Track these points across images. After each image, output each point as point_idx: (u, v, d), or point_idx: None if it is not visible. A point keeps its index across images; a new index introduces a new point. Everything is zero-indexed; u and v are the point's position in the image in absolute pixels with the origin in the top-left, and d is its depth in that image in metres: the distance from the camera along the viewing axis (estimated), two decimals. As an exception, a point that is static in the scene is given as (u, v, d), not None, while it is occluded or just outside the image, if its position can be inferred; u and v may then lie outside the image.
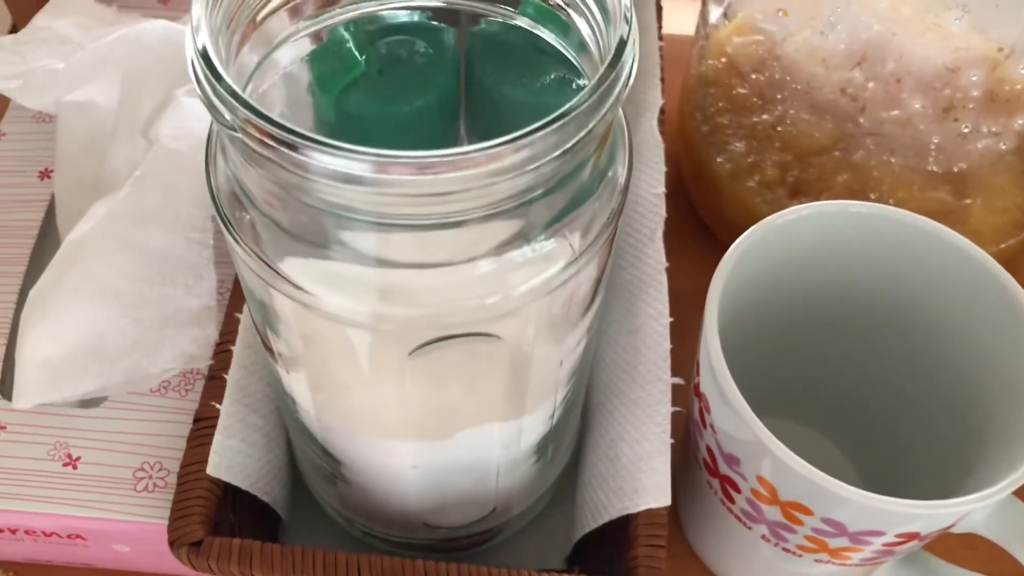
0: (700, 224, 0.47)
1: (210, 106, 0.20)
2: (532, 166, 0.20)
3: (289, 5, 0.26)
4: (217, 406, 0.31)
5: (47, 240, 0.38)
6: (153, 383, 0.34)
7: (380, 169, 0.19)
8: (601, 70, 0.21)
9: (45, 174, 0.40)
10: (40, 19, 0.41)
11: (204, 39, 0.21)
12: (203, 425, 0.31)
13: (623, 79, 0.21)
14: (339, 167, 0.19)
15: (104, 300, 0.32)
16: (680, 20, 0.53)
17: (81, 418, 0.34)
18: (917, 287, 0.32)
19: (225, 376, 0.31)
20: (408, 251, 0.22)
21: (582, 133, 0.21)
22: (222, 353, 0.32)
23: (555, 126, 0.20)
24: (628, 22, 0.22)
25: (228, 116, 0.20)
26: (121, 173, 0.36)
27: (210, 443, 0.30)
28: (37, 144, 0.41)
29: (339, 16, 0.27)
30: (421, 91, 0.28)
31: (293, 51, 0.27)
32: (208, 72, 0.20)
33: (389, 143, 0.29)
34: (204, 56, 0.20)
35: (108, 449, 0.33)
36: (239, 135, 0.20)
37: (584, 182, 0.23)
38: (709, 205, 0.45)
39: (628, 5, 0.22)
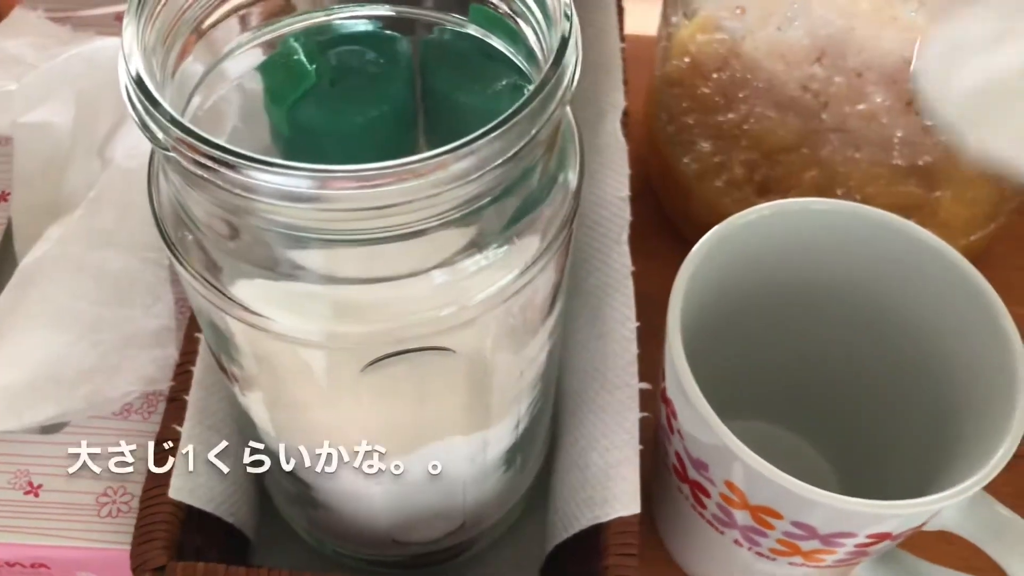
0: (669, 225, 0.46)
1: (143, 128, 0.20)
2: (477, 174, 0.20)
3: (238, 14, 0.26)
4: (178, 428, 0.30)
5: (5, 264, 0.37)
6: (115, 407, 0.33)
7: (321, 185, 0.19)
8: (544, 70, 0.21)
9: (2, 197, 0.39)
10: (-7, 40, 0.40)
11: (137, 65, 0.20)
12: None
13: (567, 80, 0.21)
14: (278, 185, 0.19)
15: (61, 324, 0.32)
16: (646, 20, 0.53)
17: (42, 444, 0.33)
18: (883, 282, 0.32)
19: (186, 397, 0.31)
20: (357, 266, 0.22)
21: (527, 138, 0.20)
22: (183, 374, 0.32)
23: (498, 132, 0.20)
24: (568, 19, 0.22)
25: (161, 137, 0.19)
26: (78, 194, 0.36)
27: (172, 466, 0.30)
28: (-7, 167, 0.40)
29: (290, 26, 0.27)
30: (375, 101, 0.28)
31: (245, 62, 0.27)
32: (143, 98, 0.20)
33: (345, 155, 0.29)
34: (138, 82, 0.20)
35: (70, 475, 0.32)
36: (174, 156, 0.19)
37: (534, 188, 0.23)
38: (677, 206, 0.45)
39: (567, 2, 0.22)
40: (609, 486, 0.30)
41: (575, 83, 0.21)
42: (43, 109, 0.38)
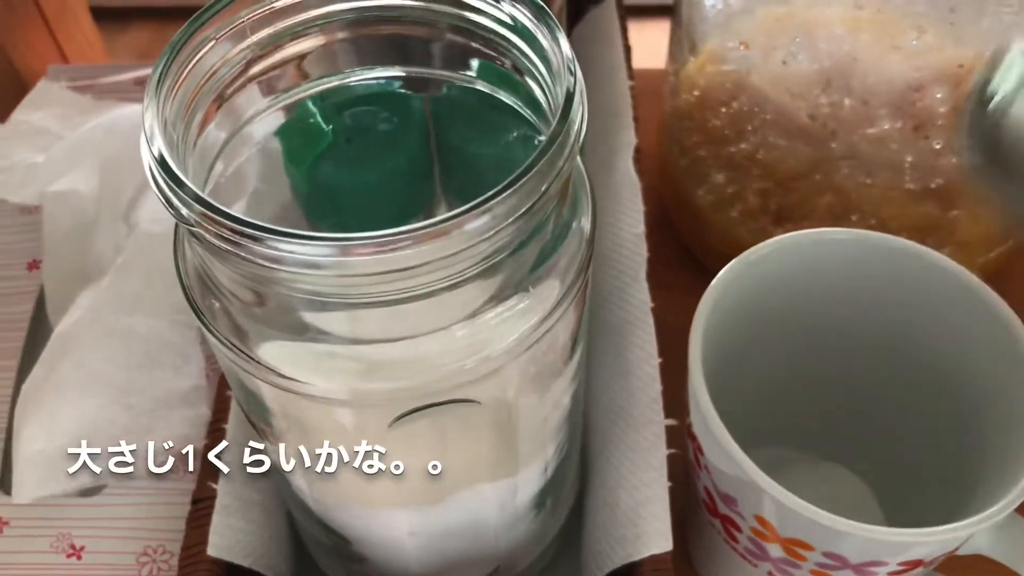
0: (688, 256, 0.47)
1: (168, 205, 0.20)
2: (492, 232, 0.20)
3: (256, 82, 0.27)
4: (214, 485, 0.31)
5: (39, 331, 0.38)
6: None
7: (342, 252, 0.20)
8: (552, 127, 0.21)
9: (33, 265, 0.40)
10: (18, 114, 0.42)
11: (159, 145, 0.21)
12: (202, 506, 0.31)
13: (574, 134, 0.21)
14: (301, 254, 0.20)
15: (94, 389, 0.33)
16: (654, 55, 0.53)
17: (82, 507, 0.34)
18: (901, 308, 0.32)
19: (220, 455, 0.31)
20: (381, 327, 0.22)
21: (539, 193, 0.21)
22: (215, 432, 0.32)
23: (511, 190, 0.20)
24: (572, 73, 0.22)
25: (186, 213, 0.20)
26: (106, 259, 0.37)
27: (209, 523, 0.30)
28: (24, 236, 0.41)
29: (308, 90, 0.28)
30: (390, 156, 0.29)
31: (266, 125, 0.27)
32: (167, 178, 0.20)
33: (364, 210, 0.30)
34: (162, 163, 0.21)
35: (111, 536, 0.33)
36: (199, 231, 0.20)
37: (549, 237, 0.23)
38: (695, 237, 0.45)
39: (570, 57, 0.22)
40: (640, 524, 0.30)
41: (583, 137, 0.22)
42: (69, 178, 0.39)
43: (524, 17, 0.24)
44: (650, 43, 0.53)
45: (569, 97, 0.22)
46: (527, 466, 0.29)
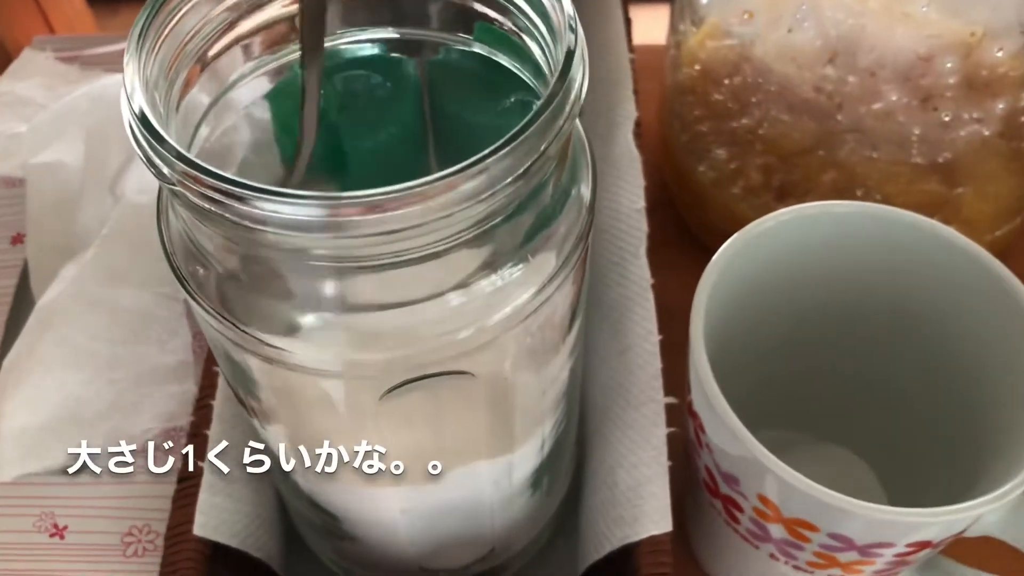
0: (688, 235, 0.46)
1: (149, 164, 0.20)
2: (488, 193, 0.19)
3: (241, 44, 0.26)
4: (200, 464, 0.30)
5: (22, 306, 0.37)
6: (135, 444, 0.33)
7: (330, 212, 0.19)
8: (551, 85, 0.20)
9: (18, 239, 0.39)
10: (2, 84, 0.41)
11: (140, 101, 0.20)
12: (187, 484, 0.30)
13: (574, 93, 0.21)
14: (288, 215, 0.19)
15: (78, 364, 0.32)
16: (654, 29, 0.53)
17: (66, 486, 0.33)
18: (908, 283, 0.31)
19: (207, 432, 0.31)
20: (373, 293, 0.22)
21: (537, 154, 0.20)
22: (202, 408, 0.31)
23: (507, 149, 0.19)
24: (573, 31, 0.21)
25: (167, 172, 0.19)
26: (91, 231, 0.36)
27: (196, 502, 0.29)
28: (8, 209, 0.40)
29: (295, 53, 0.27)
30: (383, 124, 0.28)
31: (251, 91, 0.26)
32: (147, 134, 0.20)
33: (357, 179, 0.29)
34: (142, 119, 0.20)
35: (95, 516, 0.32)
36: (181, 190, 0.19)
37: (547, 204, 0.23)
38: (695, 215, 0.44)
39: (572, 15, 0.22)
40: (639, 504, 0.29)
41: (583, 96, 0.21)
42: (54, 149, 0.38)
43: None
44: (649, 20, 0.52)
45: (570, 54, 0.21)
46: (523, 443, 0.28)
